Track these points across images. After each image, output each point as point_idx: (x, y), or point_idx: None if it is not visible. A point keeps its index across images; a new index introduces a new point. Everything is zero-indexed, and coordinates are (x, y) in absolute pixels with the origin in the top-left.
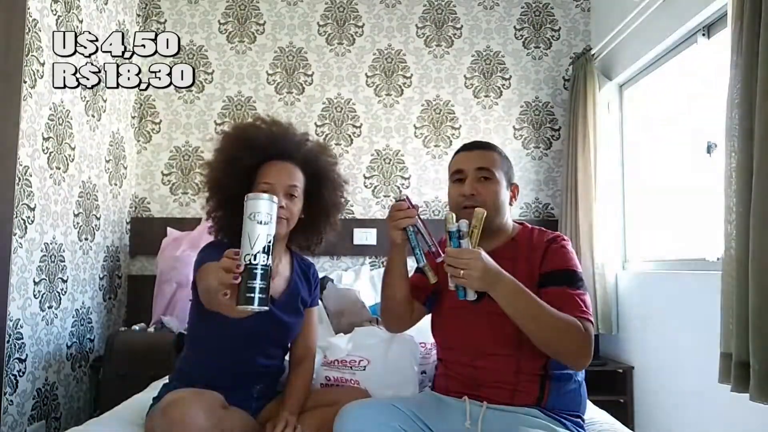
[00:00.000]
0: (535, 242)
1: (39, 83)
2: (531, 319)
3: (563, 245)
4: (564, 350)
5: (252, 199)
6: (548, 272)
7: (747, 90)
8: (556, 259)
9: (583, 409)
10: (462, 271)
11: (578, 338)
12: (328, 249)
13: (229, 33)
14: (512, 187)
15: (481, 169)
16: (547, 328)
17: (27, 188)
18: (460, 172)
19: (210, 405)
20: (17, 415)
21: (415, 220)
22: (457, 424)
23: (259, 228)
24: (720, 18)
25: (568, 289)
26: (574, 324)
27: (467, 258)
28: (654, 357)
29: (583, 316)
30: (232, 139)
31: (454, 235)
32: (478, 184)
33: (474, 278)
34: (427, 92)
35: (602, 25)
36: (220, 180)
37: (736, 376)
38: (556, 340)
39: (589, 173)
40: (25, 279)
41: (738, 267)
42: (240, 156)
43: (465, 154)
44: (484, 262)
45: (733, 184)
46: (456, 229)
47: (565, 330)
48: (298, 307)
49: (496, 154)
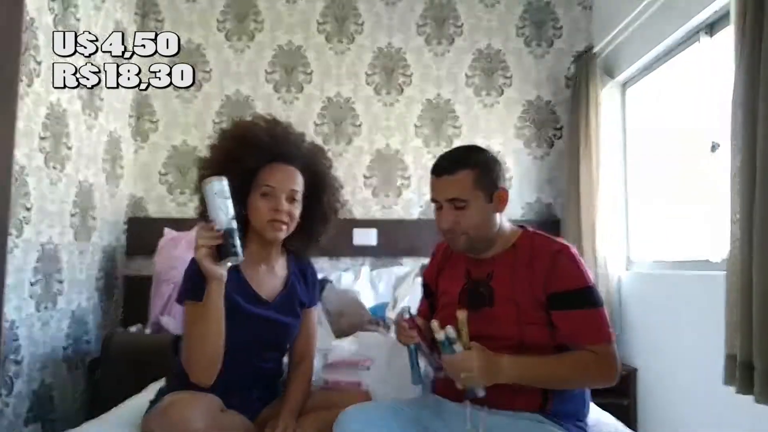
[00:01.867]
0: (537, 250)
1: (36, 82)
2: (547, 382)
3: (572, 259)
4: (593, 384)
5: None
6: (560, 293)
7: (750, 89)
8: (567, 277)
9: (585, 412)
10: (462, 375)
11: (600, 368)
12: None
13: (228, 31)
14: (498, 195)
15: (453, 200)
16: (564, 381)
17: (23, 188)
18: (435, 201)
19: (208, 408)
20: (13, 416)
21: (417, 339)
22: (458, 428)
23: (228, 201)
24: (723, 16)
25: (583, 312)
26: (590, 362)
27: (462, 362)
28: (658, 359)
29: (603, 338)
30: (233, 138)
31: (444, 344)
32: (453, 212)
33: (475, 378)
34: (427, 91)
35: (604, 24)
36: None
37: (741, 377)
38: (579, 383)
39: (591, 173)
40: (21, 280)
41: (742, 268)
42: (241, 156)
43: (435, 181)
44: (479, 360)
45: (737, 184)
46: (444, 338)
47: (583, 373)
48: (296, 308)
49: (467, 173)
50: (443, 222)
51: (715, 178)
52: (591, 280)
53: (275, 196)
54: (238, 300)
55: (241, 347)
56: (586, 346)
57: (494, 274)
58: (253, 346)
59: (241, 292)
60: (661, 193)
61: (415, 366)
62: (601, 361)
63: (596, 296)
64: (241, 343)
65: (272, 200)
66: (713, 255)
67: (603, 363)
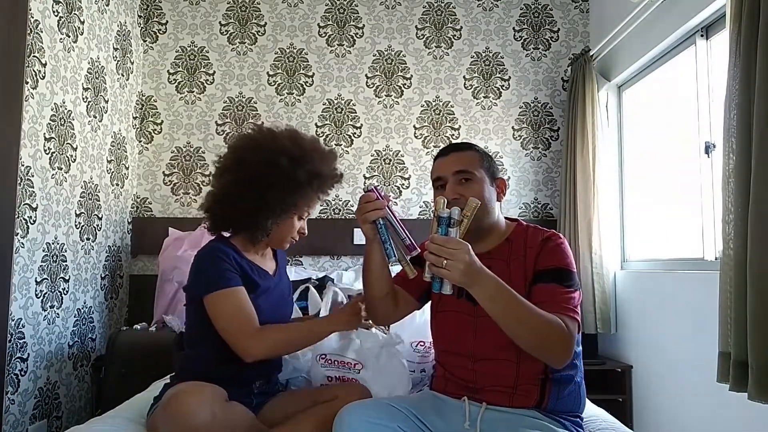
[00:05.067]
0: (530, 241)
1: (41, 84)
2: (513, 319)
3: (558, 243)
4: (546, 351)
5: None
6: (540, 270)
7: (745, 91)
8: (549, 257)
9: (582, 408)
10: (445, 261)
11: (561, 338)
12: (328, 249)
13: (230, 34)
14: (497, 182)
15: (460, 172)
16: (529, 329)
17: (29, 188)
18: (439, 179)
19: (212, 397)
20: (19, 414)
21: (386, 212)
22: (456, 425)
23: None
24: (718, 19)
25: (557, 287)
26: (557, 324)
27: (453, 248)
28: (653, 356)
29: (567, 313)
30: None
31: (443, 221)
32: (460, 186)
33: (457, 271)
34: (426, 93)
35: (601, 27)
36: (285, 198)
37: (735, 375)
38: (538, 341)
39: (587, 173)
40: (27, 279)
41: (736, 267)
42: (312, 182)
43: (442, 160)
44: (471, 256)
45: (731, 185)
46: (447, 216)
47: (547, 331)
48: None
49: (474, 153)
50: (448, 192)
51: (710, 178)
52: (572, 266)
53: (304, 220)
54: (257, 280)
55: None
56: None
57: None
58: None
59: (254, 272)
60: (656, 192)
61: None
62: (564, 333)
63: (574, 279)
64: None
65: (302, 223)
66: (707, 254)
67: (565, 335)
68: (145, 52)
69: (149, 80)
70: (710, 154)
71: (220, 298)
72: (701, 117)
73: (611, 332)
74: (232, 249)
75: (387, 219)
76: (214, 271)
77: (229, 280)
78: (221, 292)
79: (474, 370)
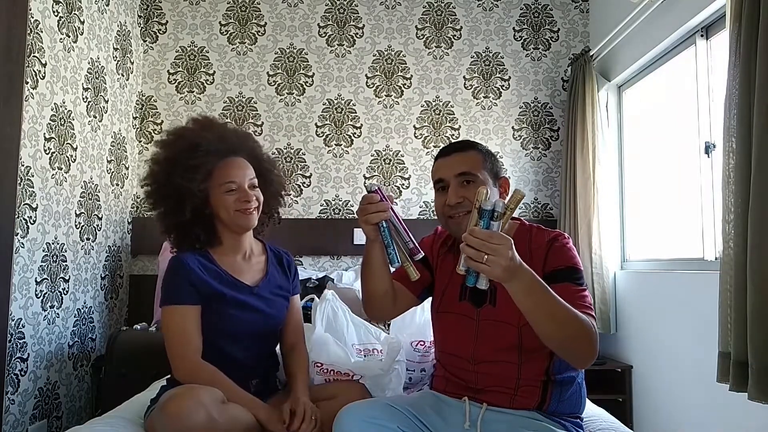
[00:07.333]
0: (535, 242)
1: (41, 84)
2: (545, 314)
3: (565, 243)
4: (576, 349)
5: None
6: (551, 270)
7: (745, 91)
8: (559, 257)
9: (582, 409)
10: (486, 257)
11: (589, 336)
12: (328, 249)
13: (230, 34)
14: (501, 182)
15: (462, 174)
16: (563, 327)
17: (29, 188)
18: (441, 181)
19: (209, 399)
20: (19, 414)
21: (389, 214)
22: (456, 425)
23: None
24: (718, 19)
25: (571, 285)
26: (586, 321)
27: (497, 243)
28: (653, 356)
29: (587, 311)
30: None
31: (486, 214)
32: (462, 189)
33: (498, 267)
34: (426, 93)
35: (601, 27)
36: (181, 188)
37: (735, 375)
38: (570, 341)
39: (587, 173)
40: (27, 279)
41: (736, 266)
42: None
43: (443, 161)
44: (513, 252)
45: (731, 184)
46: (491, 209)
47: (578, 327)
48: (279, 294)
49: (476, 153)
50: (451, 196)
51: (710, 178)
52: (580, 264)
53: (240, 189)
54: (223, 290)
55: (232, 340)
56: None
57: None
58: (243, 337)
59: (223, 282)
60: (656, 192)
61: (391, 245)
62: (592, 331)
63: (582, 278)
64: (232, 335)
65: (238, 194)
66: (708, 254)
67: (592, 333)
68: (145, 52)
69: (149, 80)
70: (710, 154)
71: (168, 313)
72: (701, 117)
73: (611, 332)
74: (200, 258)
75: (390, 221)
76: (169, 285)
77: (181, 296)
78: (171, 308)
79: (475, 371)
